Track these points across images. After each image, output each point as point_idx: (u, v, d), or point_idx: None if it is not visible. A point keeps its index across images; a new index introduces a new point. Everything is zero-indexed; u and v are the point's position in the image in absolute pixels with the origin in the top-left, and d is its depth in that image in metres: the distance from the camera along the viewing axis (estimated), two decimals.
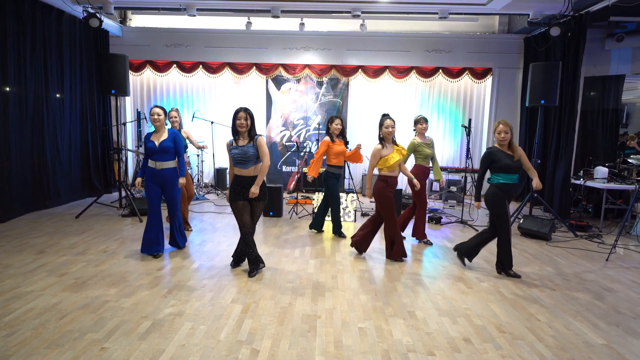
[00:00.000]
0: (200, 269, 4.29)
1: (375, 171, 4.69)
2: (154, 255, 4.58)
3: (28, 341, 2.79)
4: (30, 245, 4.88)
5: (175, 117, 5.50)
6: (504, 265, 4.28)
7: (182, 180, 4.62)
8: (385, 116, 4.65)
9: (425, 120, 5.43)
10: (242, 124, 3.94)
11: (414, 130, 5.49)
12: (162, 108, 4.64)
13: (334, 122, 5.53)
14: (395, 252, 4.68)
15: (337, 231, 5.71)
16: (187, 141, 5.75)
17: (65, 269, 4.13)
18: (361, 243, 4.82)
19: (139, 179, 4.67)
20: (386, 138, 4.59)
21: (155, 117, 4.52)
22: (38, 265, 4.22)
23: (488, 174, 4.23)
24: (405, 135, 8.96)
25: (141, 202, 6.57)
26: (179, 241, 4.87)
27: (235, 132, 4.02)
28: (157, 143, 4.46)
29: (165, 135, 4.53)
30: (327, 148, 5.46)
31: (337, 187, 5.56)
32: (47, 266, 4.19)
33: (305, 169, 5.64)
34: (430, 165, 5.55)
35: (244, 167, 3.98)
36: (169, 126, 5.05)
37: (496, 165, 4.10)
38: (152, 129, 4.62)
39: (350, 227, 6.23)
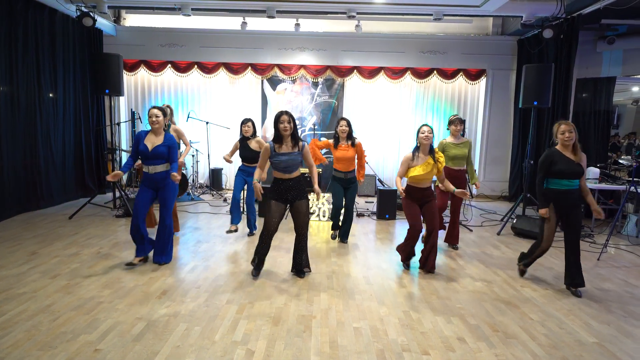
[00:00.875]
0: (195, 269, 4.27)
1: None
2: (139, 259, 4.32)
3: (20, 343, 2.77)
4: (23, 246, 4.84)
5: (158, 116, 4.23)
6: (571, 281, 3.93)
7: (176, 176, 4.23)
8: (424, 125, 4.26)
9: (460, 122, 5.20)
10: (286, 128, 3.82)
11: (448, 129, 5.29)
12: (161, 109, 4.27)
13: (339, 124, 5.20)
14: (401, 250, 4.52)
15: (337, 235, 5.57)
16: (179, 140, 5.33)
17: (59, 270, 4.10)
18: (402, 251, 4.54)
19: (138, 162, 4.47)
20: (422, 145, 4.19)
21: (154, 119, 4.14)
22: (31, 266, 4.18)
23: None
24: (404, 137, 9.03)
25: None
26: (161, 257, 4.37)
27: (279, 136, 3.90)
28: (150, 147, 4.12)
29: (161, 140, 4.19)
30: (327, 146, 5.30)
31: (340, 192, 5.24)
32: (40, 267, 4.15)
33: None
34: (463, 167, 5.24)
35: (289, 173, 3.94)
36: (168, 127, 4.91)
37: (554, 168, 3.83)
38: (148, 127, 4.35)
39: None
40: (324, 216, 6.75)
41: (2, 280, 3.79)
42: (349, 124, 5.19)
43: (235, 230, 5.73)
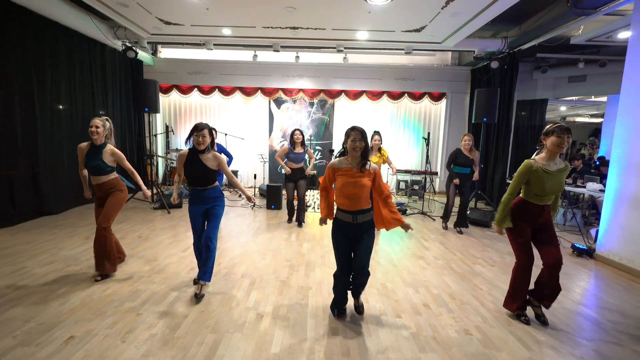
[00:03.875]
0: (217, 250, 4.26)
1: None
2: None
3: (77, 309, 2.75)
4: (78, 232, 4.81)
5: (98, 126, 3.23)
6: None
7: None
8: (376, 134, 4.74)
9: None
10: (299, 138, 5.26)
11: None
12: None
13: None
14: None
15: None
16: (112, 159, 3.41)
17: None
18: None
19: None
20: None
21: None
22: (85, 248, 4.16)
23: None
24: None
25: (168, 197, 6.50)
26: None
27: (293, 142, 5.26)
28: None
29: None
30: (332, 173, 3.73)
31: (343, 243, 4.67)
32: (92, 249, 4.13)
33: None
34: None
35: (297, 163, 5.33)
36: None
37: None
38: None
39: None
40: (318, 208, 6.71)
41: (62, 259, 3.77)
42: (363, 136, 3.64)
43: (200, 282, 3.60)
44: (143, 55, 8.05)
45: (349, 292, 2.76)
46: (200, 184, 3.01)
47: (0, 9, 4.76)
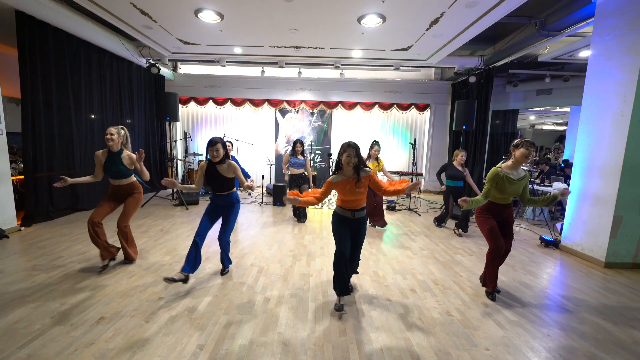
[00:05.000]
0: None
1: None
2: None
3: (106, 293, 2.75)
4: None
5: (113, 134, 3.17)
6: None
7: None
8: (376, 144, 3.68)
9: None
10: (299, 149, 5.23)
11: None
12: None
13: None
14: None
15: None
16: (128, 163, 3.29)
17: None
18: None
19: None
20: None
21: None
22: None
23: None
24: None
25: (187, 195, 6.49)
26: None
27: (294, 151, 5.22)
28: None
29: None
30: (330, 188, 3.45)
31: (345, 233, 4.43)
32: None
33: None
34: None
35: (297, 169, 5.25)
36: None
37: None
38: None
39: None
40: (318, 206, 6.73)
41: (94, 249, 3.75)
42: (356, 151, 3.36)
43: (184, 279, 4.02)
44: (165, 71, 8.04)
45: None
46: (219, 190, 3.02)
47: (41, 31, 4.76)
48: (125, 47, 6.39)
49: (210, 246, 4.04)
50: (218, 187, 3.00)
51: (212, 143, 2.88)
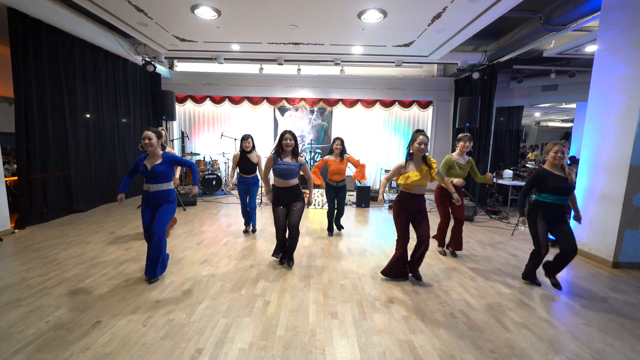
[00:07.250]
0: (228, 244, 4.26)
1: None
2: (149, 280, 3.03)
3: (105, 297, 2.75)
4: (104, 227, 4.81)
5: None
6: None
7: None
8: (418, 132, 3.06)
9: (469, 139, 3.83)
10: (288, 144, 3.32)
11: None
12: (156, 131, 3.07)
13: (334, 143, 4.58)
14: (387, 269, 3.27)
15: (330, 230, 4.85)
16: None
17: (129, 244, 4.07)
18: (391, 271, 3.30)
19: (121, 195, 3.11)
20: (416, 154, 3.03)
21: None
22: (110, 242, 4.15)
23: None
24: (375, 148, 9.02)
25: (184, 196, 6.49)
26: (148, 274, 3.04)
27: (281, 150, 3.37)
28: (149, 167, 3.01)
29: (159, 160, 3.05)
30: (324, 164, 4.60)
31: (333, 199, 4.65)
32: (117, 243, 4.13)
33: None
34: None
35: (286, 179, 3.36)
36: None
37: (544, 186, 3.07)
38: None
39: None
40: (319, 205, 6.75)
41: (90, 252, 3.76)
42: (342, 143, 4.55)
43: (248, 230, 4.82)
44: (161, 69, 8.03)
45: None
46: (246, 173, 4.45)
47: (34, 29, 4.76)
48: (120, 44, 6.39)
49: (209, 248, 4.05)
50: (246, 170, 4.47)
51: (245, 138, 4.36)
